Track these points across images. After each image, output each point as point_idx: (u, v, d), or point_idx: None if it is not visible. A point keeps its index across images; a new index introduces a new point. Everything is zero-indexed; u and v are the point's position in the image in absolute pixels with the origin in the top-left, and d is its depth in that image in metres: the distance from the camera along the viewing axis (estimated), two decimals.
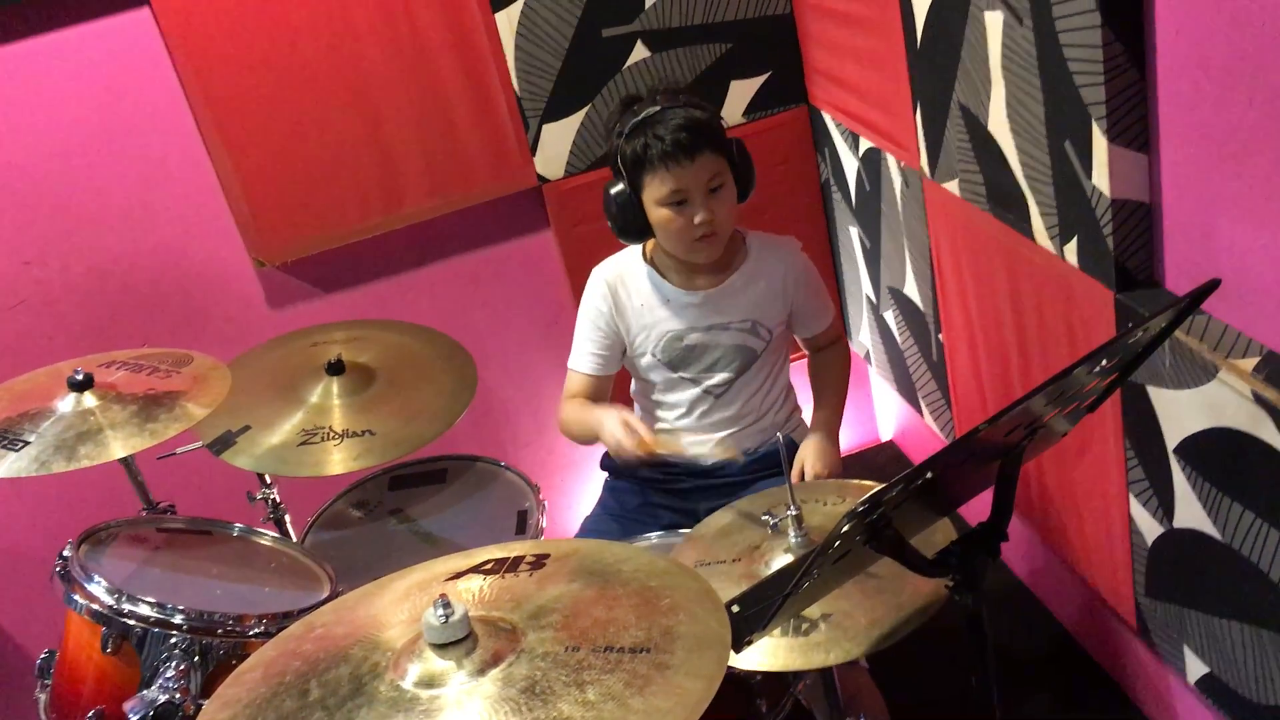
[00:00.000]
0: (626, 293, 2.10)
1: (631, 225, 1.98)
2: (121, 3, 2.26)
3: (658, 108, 1.92)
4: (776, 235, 2.15)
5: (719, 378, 2.12)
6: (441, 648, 1.12)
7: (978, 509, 1.39)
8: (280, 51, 2.33)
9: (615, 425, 1.96)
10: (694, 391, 2.13)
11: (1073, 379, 1.24)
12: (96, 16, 2.26)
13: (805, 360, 2.26)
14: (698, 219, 1.93)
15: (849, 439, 3.09)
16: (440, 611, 1.12)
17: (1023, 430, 1.30)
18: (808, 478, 2.03)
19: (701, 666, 1.10)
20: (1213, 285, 1.30)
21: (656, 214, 1.95)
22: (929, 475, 1.16)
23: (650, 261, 2.10)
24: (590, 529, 2.19)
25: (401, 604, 1.27)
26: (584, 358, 2.13)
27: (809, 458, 2.05)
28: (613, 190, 1.97)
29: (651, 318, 2.09)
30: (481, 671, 1.11)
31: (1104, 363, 1.29)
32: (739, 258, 2.09)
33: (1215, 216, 1.48)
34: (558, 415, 2.18)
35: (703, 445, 2.05)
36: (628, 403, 2.28)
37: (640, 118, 1.92)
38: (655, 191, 1.93)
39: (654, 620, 1.16)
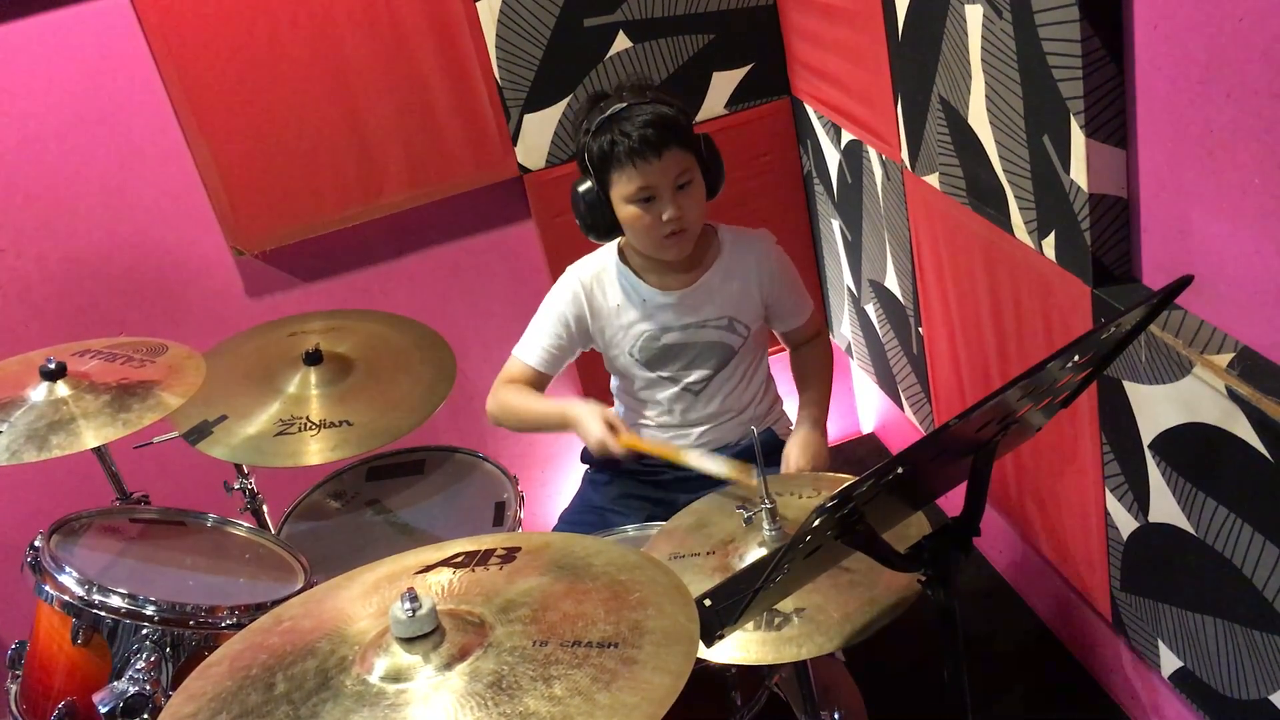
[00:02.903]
0: (602, 294, 2.08)
1: (600, 223, 1.97)
2: None
3: (624, 104, 1.91)
4: (749, 229, 2.14)
5: (697, 375, 2.11)
6: (408, 642, 1.12)
7: (958, 501, 1.39)
8: (259, 38, 2.31)
9: (596, 423, 1.93)
10: (673, 390, 2.12)
11: (1046, 374, 1.24)
12: (73, 2, 2.24)
13: (784, 351, 2.26)
14: (666, 216, 1.91)
15: (829, 432, 3.09)
16: (407, 605, 1.12)
17: (996, 425, 1.30)
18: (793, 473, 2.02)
19: (669, 661, 1.09)
20: (1185, 281, 1.30)
21: (624, 211, 1.94)
22: (900, 470, 1.16)
23: (625, 260, 2.08)
24: (569, 521, 2.19)
25: (370, 597, 1.26)
26: (535, 350, 2.10)
27: (794, 453, 2.05)
28: (580, 188, 1.96)
29: (627, 318, 2.08)
30: (448, 666, 1.10)
31: (1077, 358, 1.28)
32: (712, 254, 2.08)
33: (1192, 212, 1.47)
34: (490, 397, 2.11)
35: (715, 464, 1.89)
36: (607, 398, 2.27)
37: (607, 115, 1.91)
38: (623, 189, 1.92)
39: (623, 615, 1.16)
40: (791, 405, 2.26)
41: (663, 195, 1.91)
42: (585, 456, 2.26)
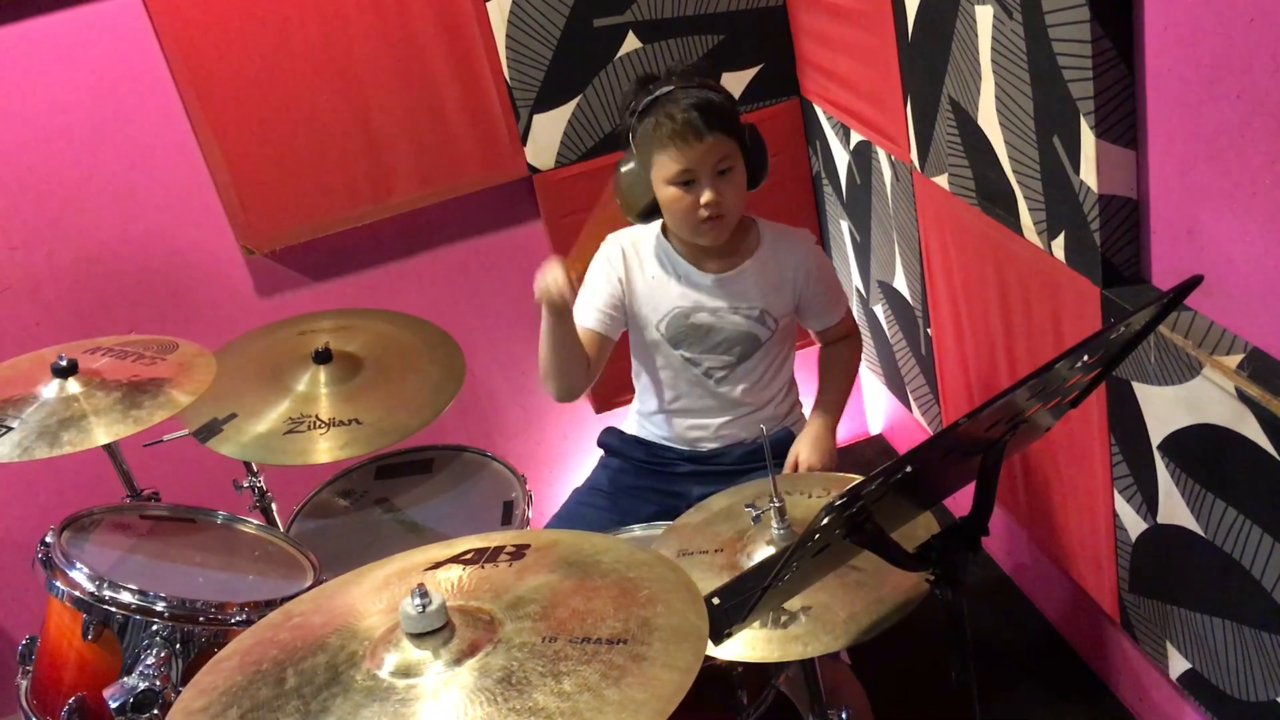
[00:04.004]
0: (639, 262, 2.09)
1: (639, 203, 1.98)
2: None
3: (672, 87, 1.92)
4: (790, 227, 2.15)
5: (719, 360, 2.11)
6: (418, 637, 1.12)
7: (966, 503, 1.39)
8: (270, 38, 2.32)
9: (540, 277, 1.89)
10: (693, 372, 2.12)
11: (1054, 374, 1.24)
12: (86, 1, 2.25)
13: (810, 354, 2.26)
14: (704, 199, 1.92)
15: (837, 433, 3.09)
16: (417, 601, 1.12)
17: (1004, 425, 1.30)
18: (801, 470, 2.03)
19: (678, 658, 1.10)
20: (1194, 282, 1.30)
21: (664, 193, 1.95)
22: (908, 469, 1.16)
23: (667, 237, 2.09)
24: (578, 501, 2.18)
25: (380, 593, 1.27)
26: (590, 312, 2.08)
27: (803, 450, 2.05)
28: (623, 168, 1.97)
29: (662, 292, 2.08)
30: (458, 661, 1.11)
31: (1086, 358, 1.28)
32: (752, 244, 2.09)
33: (1201, 213, 1.47)
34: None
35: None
36: (629, 387, 2.26)
37: (654, 96, 1.92)
38: (664, 170, 1.93)
39: (631, 611, 1.16)
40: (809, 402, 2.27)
41: (702, 179, 1.92)
42: (601, 441, 2.26)
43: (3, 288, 2.40)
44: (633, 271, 2.08)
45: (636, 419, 2.25)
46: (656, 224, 2.09)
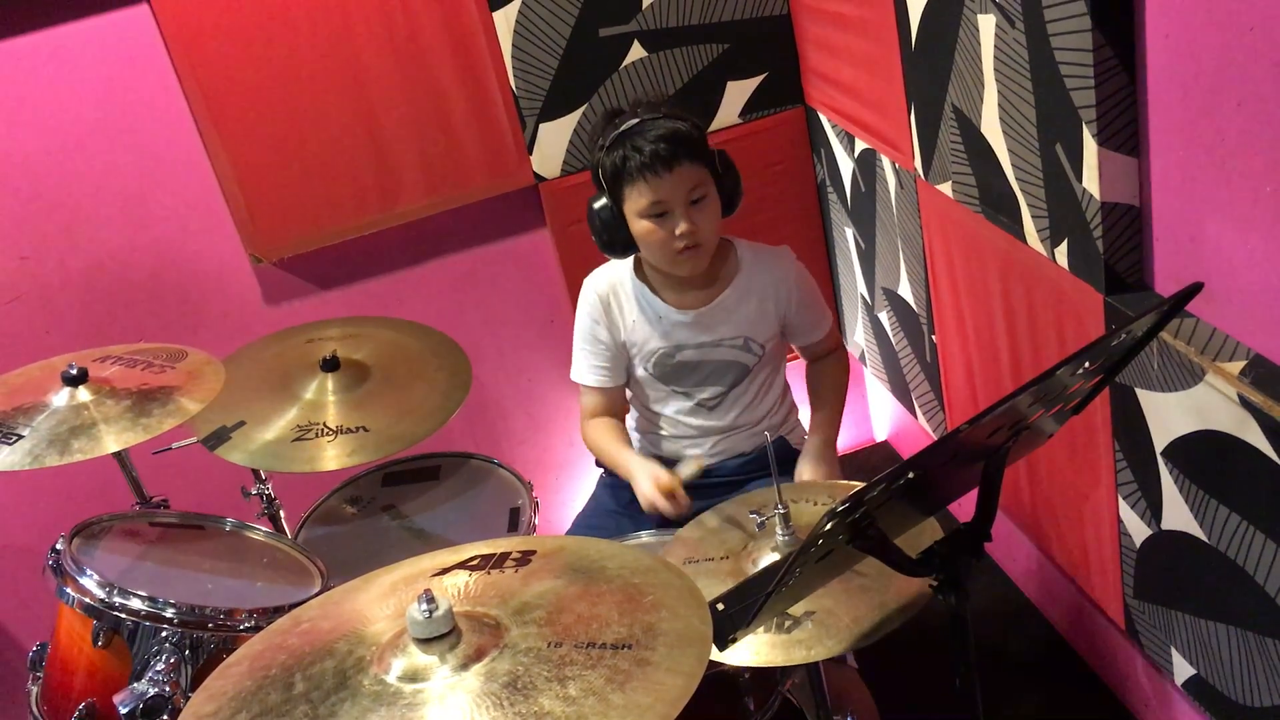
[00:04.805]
0: (619, 308, 2.09)
1: (616, 240, 1.98)
2: None
3: (637, 120, 1.92)
4: (769, 246, 2.14)
5: (711, 391, 2.12)
6: (425, 642, 1.13)
7: (971, 509, 1.39)
8: (278, 48, 2.34)
9: (647, 483, 1.98)
10: (687, 404, 2.13)
11: (1056, 380, 1.24)
12: (95, 12, 2.27)
13: (799, 361, 2.26)
14: (679, 230, 1.91)
15: (843, 439, 3.09)
16: (424, 606, 1.13)
17: (1007, 431, 1.31)
18: None
19: (682, 663, 1.10)
20: (1195, 289, 1.31)
21: (638, 226, 1.95)
22: (911, 475, 1.17)
23: (641, 277, 2.09)
24: (583, 525, 2.20)
25: (387, 599, 1.28)
26: (587, 371, 2.13)
27: (806, 470, 2.06)
28: (596, 205, 1.97)
29: (643, 335, 2.08)
30: (464, 666, 1.12)
31: (1087, 364, 1.29)
32: (729, 271, 2.08)
33: (1203, 220, 1.48)
34: (582, 431, 2.19)
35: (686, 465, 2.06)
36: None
37: (620, 130, 1.92)
38: (635, 203, 1.92)
39: (636, 617, 1.17)
40: (805, 415, 2.27)
41: (675, 210, 1.91)
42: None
43: (13, 296, 2.42)
44: (614, 318, 2.09)
45: (633, 435, 2.26)
46: (629, 264, 2.10)
